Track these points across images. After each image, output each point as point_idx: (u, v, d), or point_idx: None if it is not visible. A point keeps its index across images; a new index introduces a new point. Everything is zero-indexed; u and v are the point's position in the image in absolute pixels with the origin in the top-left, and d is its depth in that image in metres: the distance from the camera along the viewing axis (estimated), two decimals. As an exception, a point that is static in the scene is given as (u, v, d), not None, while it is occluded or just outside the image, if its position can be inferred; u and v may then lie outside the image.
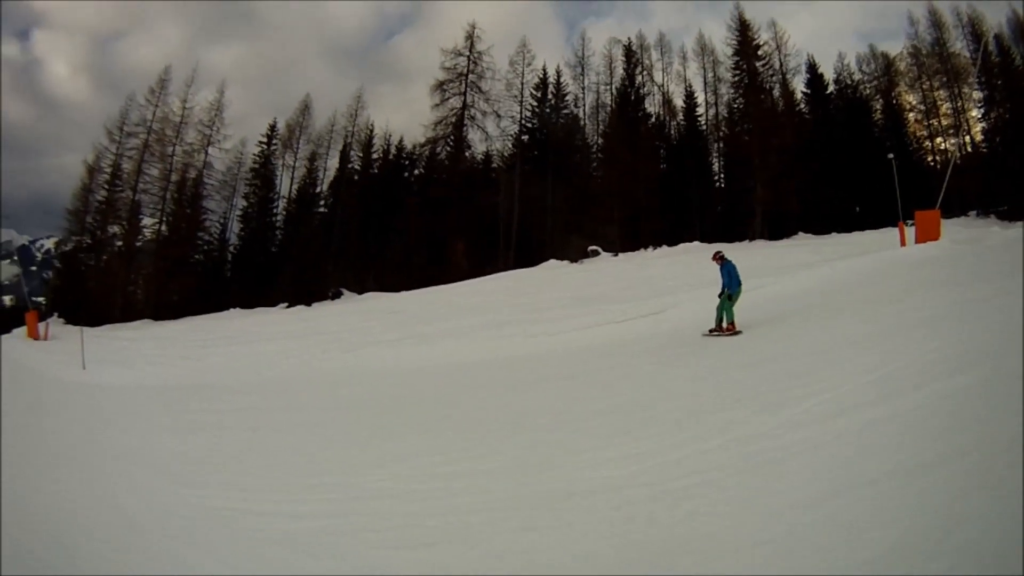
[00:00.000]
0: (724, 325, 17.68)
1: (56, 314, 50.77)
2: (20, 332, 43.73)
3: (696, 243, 47.65)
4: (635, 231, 52.88)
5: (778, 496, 6.19)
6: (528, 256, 53.06)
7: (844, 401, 8.66)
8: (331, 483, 9.29)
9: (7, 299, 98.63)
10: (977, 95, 56.00)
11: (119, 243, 60.00)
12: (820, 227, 48.98)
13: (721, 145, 61.25)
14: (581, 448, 9.26)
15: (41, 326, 43.11)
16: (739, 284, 17.86)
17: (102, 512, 8.77)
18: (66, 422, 17.05)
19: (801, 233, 49.62)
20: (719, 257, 18.44)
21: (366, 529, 7.32)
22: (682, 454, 8.13)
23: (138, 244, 60.59)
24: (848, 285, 21.03)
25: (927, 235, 27.54)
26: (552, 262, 49.36)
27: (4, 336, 44.45)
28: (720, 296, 17.90)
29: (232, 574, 6.45)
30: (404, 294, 46.80)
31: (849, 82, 60.22)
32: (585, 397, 13.48)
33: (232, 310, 52.20)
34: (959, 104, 56.27)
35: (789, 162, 52.24)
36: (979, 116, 56.23)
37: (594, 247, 51.54)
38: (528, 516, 7.02)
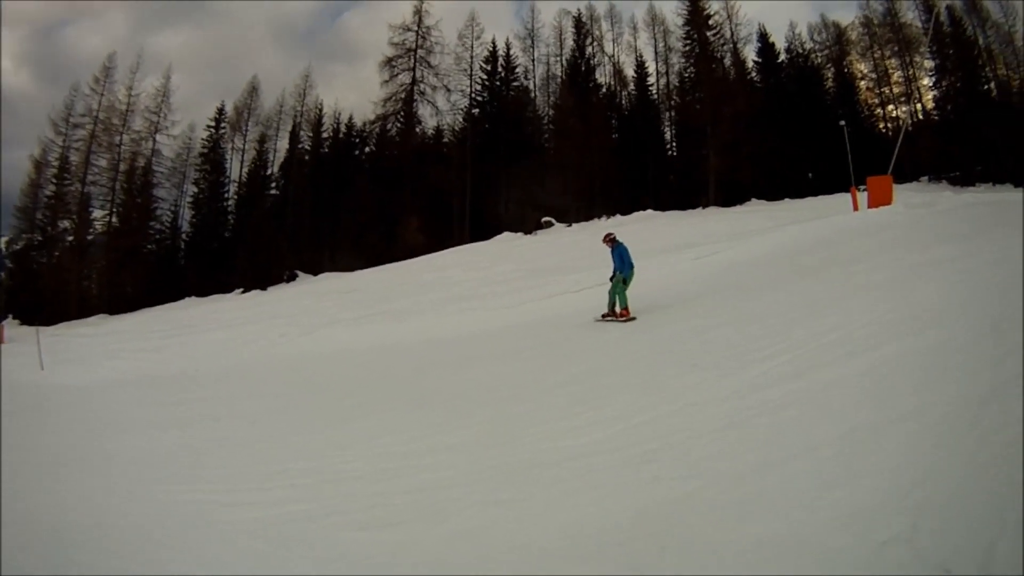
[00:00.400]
0: (618, 310, 17.24)
1: (10, 316, 50.18)
2: (-25, 338, 43.22)
3: (650, 211, 47.98)
4: (590, 202, 53.04)
5: (741, 458, 6.23)
6: (482, 230, 52.93)
7: (802, 363, 8.74)
8: (297, 469, 9.23)
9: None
10: (929, 64, 57.07)
11: (70, 238, 59.38)
12: (773, 194, 49.43)
13: (673, 114, 61.47)
14: (544, 419, 9.29)
15: (-4, 329, 42.58)
16: (631, 267, 17.36)
17: (66, 513, 8.71)
18: (26, 425, 16.86)
19: (754, 200, 50.11)
20: (610, 240, 17.94)
21: (334, 512, 7.30)
22: (643, 420, 8.20)
23: (89, 237, 59.98)
24: (802, 250, 21.12)
25: (879, 200, 27.79)
26: (506, 235, 49.34)
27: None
28: (612, 280, 17.51)
29: (200, 571, 6.42)
30: (359, 273, 46.78)
31: (800, 51, 60.95)
32: (545, 368, 13.56)
33: (188, 299, 51.95)
34: (910, 72, 57.43)
35: (741, 130, 52.46)
36: (930, 84, 57.43)
37: (547, 218, 51.62)
38: (494, 489, 7.03)
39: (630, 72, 63.45)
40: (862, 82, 59.93)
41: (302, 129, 64.63)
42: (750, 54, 61.14)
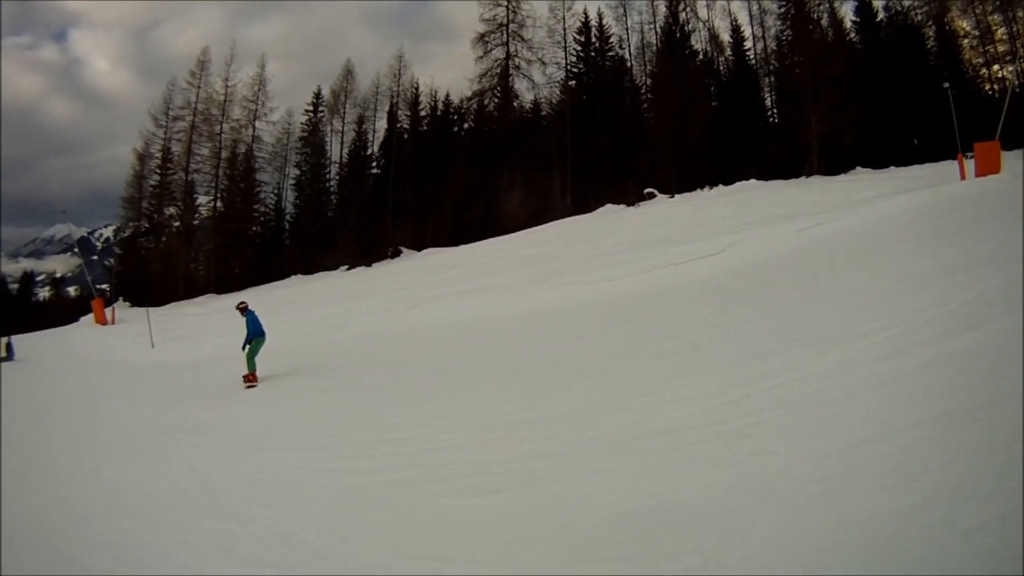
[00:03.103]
0: (247, 372, 17.38)
1: (121, 298, 52.21)
2: (88, 319, 44.97)
3: (753, 181, 46.73)
4: (690, 171, 51.95)
5: (835, 436, 6.19)
6: (584, 202, 52.26)
7: (903, 340, 8.59)
8: (400, 438, 9.56)
9: (71, 289, 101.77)
10: (1033, 18, 53.31)
11: (176, 224, 61.87)
12: (878, 161, 47.53)
13: (772, 79, 59.52)
14: (643, 391, 9.36)
15: (107, 311, 44.20)
16: (262, 334, 17.63)
17: (178, 480, 9.13)
18: (137, 400, 17.62)
19: (859, 168, 48.18)
20: (241, 308, 18.28)
21: (434, 480, 7.53)
22: (742, 394, 8.17)
23: (195, 223, 62.53)
24: (906, 221, 20.26)
25: (987, 168, 26.68)
26: (609, 207, 48.54)
27: (72, 325, 45.95)
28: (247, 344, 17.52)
29: (305, 531, 6.70)
30: (463, 248, 46.83)
31: (899, 8, 57.24)
32: (647, 340, 13.61)
33: (293, 277, 53.11)
34: (1014, 28, 53.81)
35: (843, 94, 50.66)
36: (1035, 41, 53.64)
37: (650, 190, 50.74)
38: (591, 460, 7.13)
39: (726, 37, 61.23)
40: (964, 40, 55.25)
41: (399, 109, 65.24)
42: (848, 13, 57.90)
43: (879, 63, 52.21)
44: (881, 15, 57.06)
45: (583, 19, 62.43)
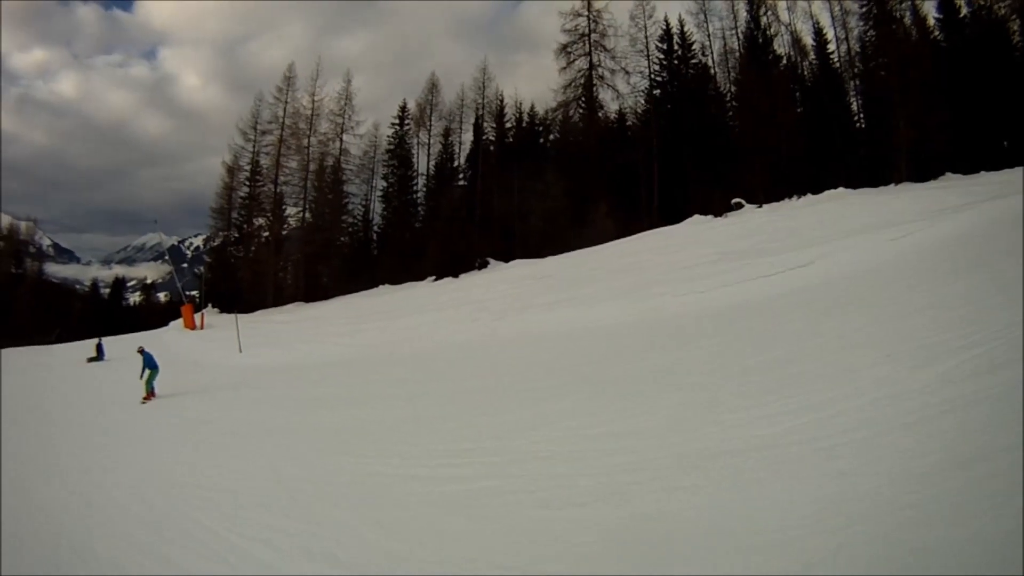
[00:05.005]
0: (145, 393, 20.44)
1: (210, 304, 53.61)
2: (177, 324, 46.38)
3: (841, 189, 45.79)
4: (778, 180, 51.20)
5: (928, 457, 6.05)
6: (671, 212, 51.65)
7: (1001, 355, 8.30)
8: (486, 447, 9.69)
9: (161, 295, 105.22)
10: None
11: (265, 234, 63.57)
12: (967, 166, 46.25)
13: (857, 83, 58.26)
14: (732, 406, 9.27)
15: (197, 317, 45.43)
16: (156, 368, 20.77)
17: (261, 480, 9.41)
18: (225, 401, 18.07)
19: (948, 173, 47.03)
20: (139, 350, 21.28)
21: (520, 491, 7.59)
22: (833, 411, 8.05)
23: (284, 233, 64.00)
24: (1001, 228, 19.42)
25: (1083, 169, 25.81)
26: (696, 217, 47.80)
27: (162, 329, 47.36)
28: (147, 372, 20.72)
29: (383, 536, 6.88)
30: (550, 259, 46.75)
31: (982, 2, 54.92)
32: (737, 354, 13.44)
33: (381, 287, 53.68)
34: None
35: (931, 96, 49.46)
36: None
37: (737, 199, 50.02)
38: (679, 476, 7.10)
39: (808, 40, 59.94)
40: (1050, 33, 52.35)
41: (485, 120, 66.14)
42: (930, 11, 55.65)
43: (964, 61, 50.54)
44: (964, 11, 55.19)
45: (664, 27, 62.00)
